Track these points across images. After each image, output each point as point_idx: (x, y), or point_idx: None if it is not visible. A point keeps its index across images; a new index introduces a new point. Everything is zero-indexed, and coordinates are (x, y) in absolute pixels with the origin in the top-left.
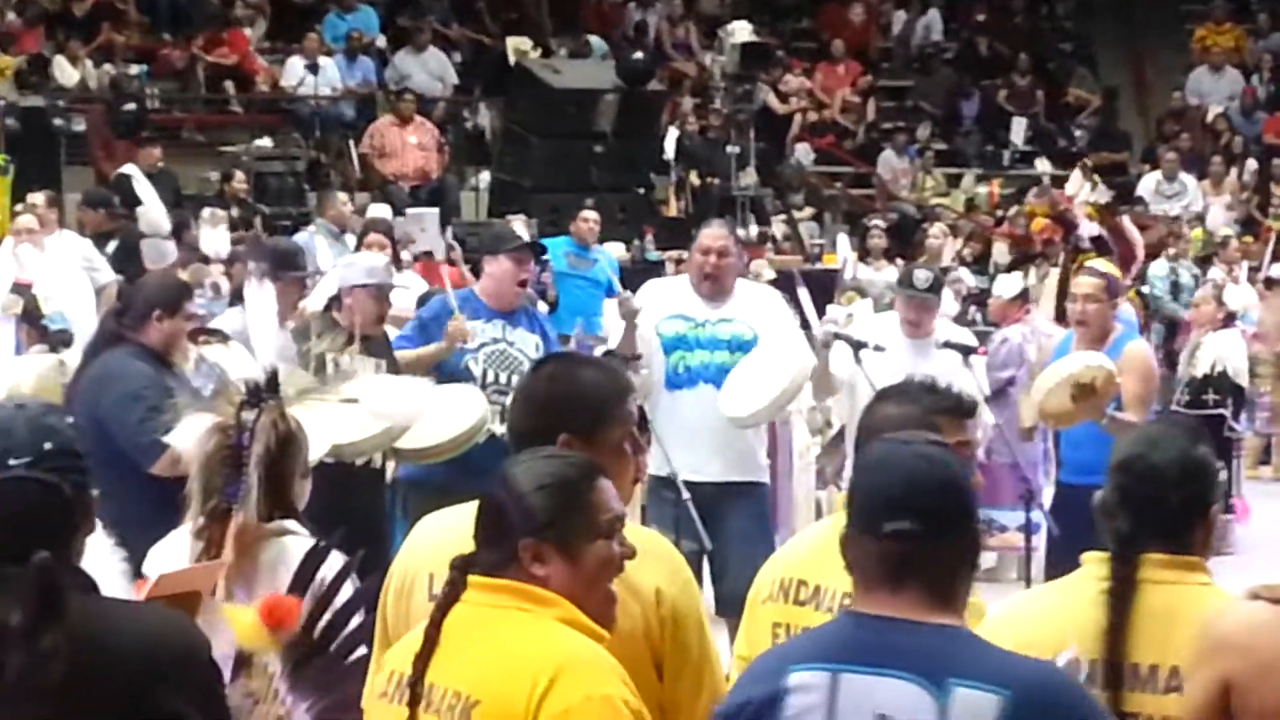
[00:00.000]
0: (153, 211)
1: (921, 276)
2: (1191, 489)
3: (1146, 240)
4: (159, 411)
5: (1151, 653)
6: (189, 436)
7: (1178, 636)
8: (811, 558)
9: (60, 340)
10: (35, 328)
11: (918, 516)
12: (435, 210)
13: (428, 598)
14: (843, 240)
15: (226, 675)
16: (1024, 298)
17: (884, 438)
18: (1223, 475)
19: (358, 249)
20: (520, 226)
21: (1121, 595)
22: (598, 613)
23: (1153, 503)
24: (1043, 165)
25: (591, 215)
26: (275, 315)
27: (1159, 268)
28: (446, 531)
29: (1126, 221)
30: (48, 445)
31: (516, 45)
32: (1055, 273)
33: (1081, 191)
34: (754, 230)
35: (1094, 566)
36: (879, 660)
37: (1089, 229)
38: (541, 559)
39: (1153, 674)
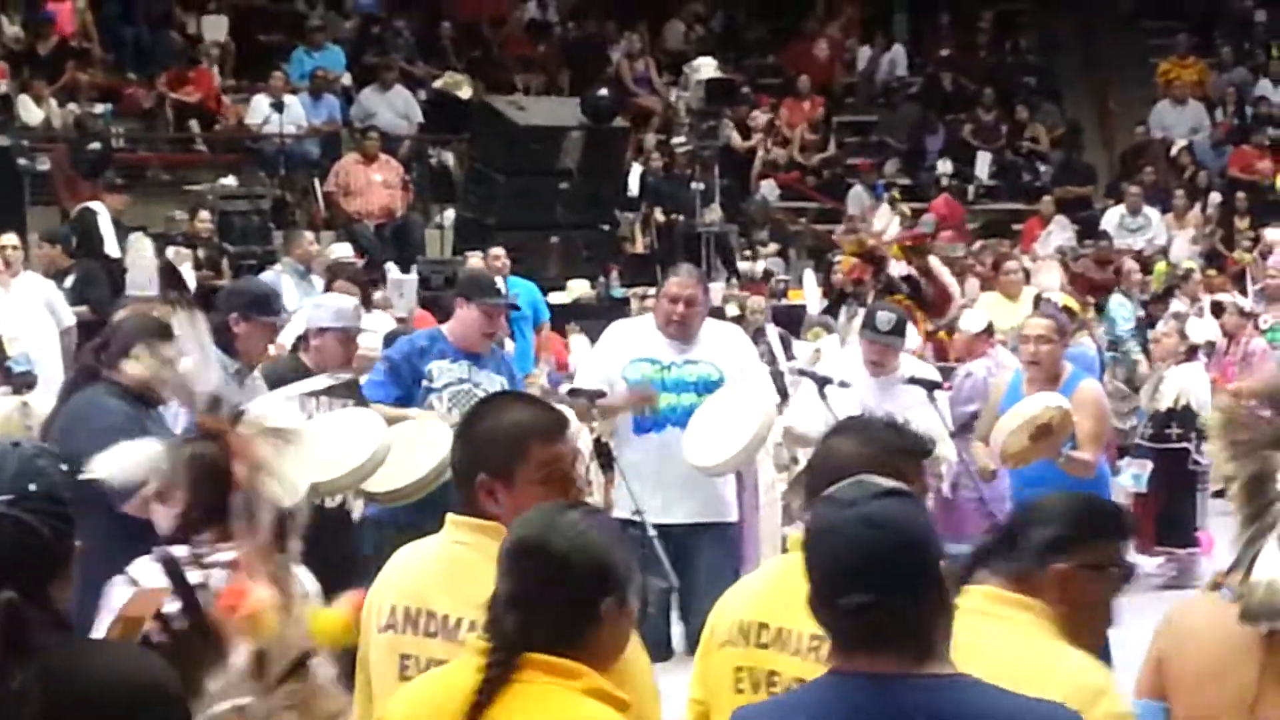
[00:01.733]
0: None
1: (884, 318)
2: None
3: (1110, 275)
4: None
5: None
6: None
7: None
8: (771, 599)
9: (24, 383)
10: None
11: (874, 588)
12: (414, 279)
13: (377, 629)
14: (809, 277)
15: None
16: (989, 332)
17: (833, 493)
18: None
19: (327, 289)
20: (477, 262)
21: None
22: None
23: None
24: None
25: (499, 252)
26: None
27: (1119, 303)
28: (397, 562)
29: (936, 262)
30: (32, 486)
31: (453, 80)
32: (864, 313)
33: (890, 228)
34: (759, 267)
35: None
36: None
37: (899, 268)
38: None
39: None
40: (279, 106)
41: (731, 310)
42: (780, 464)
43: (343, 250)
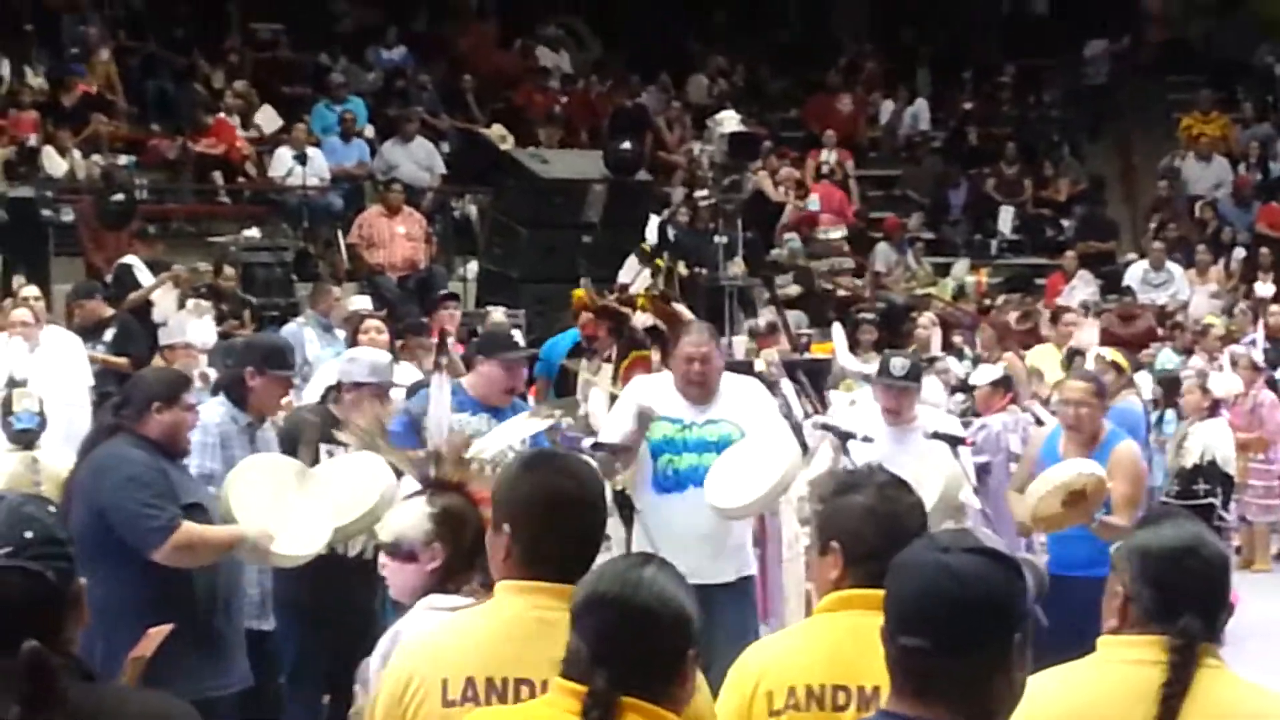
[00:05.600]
0: (163, 300)
1: (898, 364)
2: (1227, 582)
3: (1135, 330)
4: (162, 498)
5: None
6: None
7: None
8: (837, 660)
9: (24, 440)
10: (3, 425)
11: (930, 633)
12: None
13: (441, 703)
14: (838, 330)
15: None
16: (1005, 386)
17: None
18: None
19: (351, 340)
20: (501, 316)
21: (1183, 682)
22: None
23: (1205, 598)
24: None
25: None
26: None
27: (1168, 357)
28: (452, 635)
29: (682, 308)
30: (28, 534)
31: (499, 133)
32: (608, 369)
33: (638, 280)
34: (763, 321)
35: (1113, 650)
36: None
37: (642, 320)
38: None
39: None
40: (302, 159)
41: (759, 365)
42: (803, 518)
43: (361, 302)
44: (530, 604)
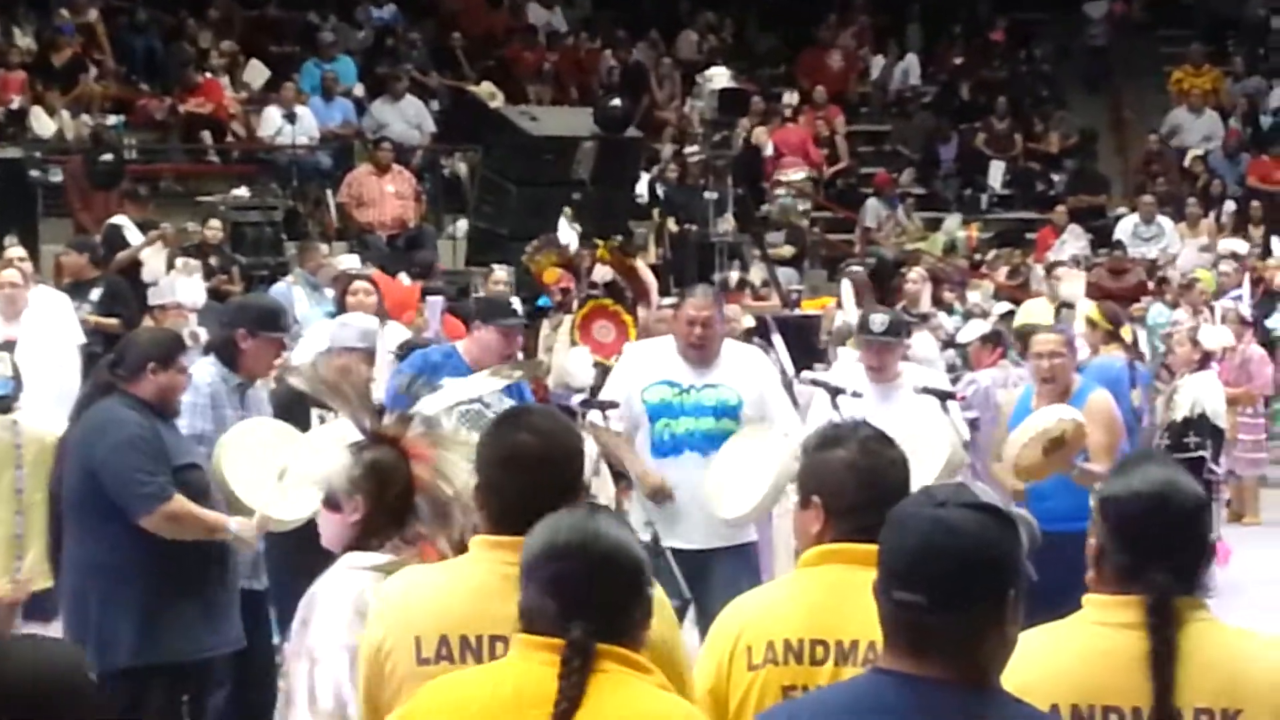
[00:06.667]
0: (152, 260)
1: (878, 320)
2: (1206, 527)
3: (1125, 284)
4: (156, 463)
5: (1204, 697)
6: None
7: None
8: (817, 614)
9: (2, 407)
10: None
11: (924, 588)
12: (440, 299)
13: (416, 662)
14: (846, 286)
15: None
16: (995, 341)
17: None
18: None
19: (339, 300)
20: (503, 274)
21: (1167, 644)
22: None
23: (1175, 549)
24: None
25: (500, 276)
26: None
27: (1159, 312)
28: (423, 593)
29: (639, 263)
30: None
31: (489, 90)
32: (569, 319)
33: (573, 242)
34: (733, 276)
35: (1098, 611)
36: None
37: (602, 273)
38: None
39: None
40: (291, 118)
41: (747, 321)
42: (793, 475)
43: (350, 261)
44: (499, 559)
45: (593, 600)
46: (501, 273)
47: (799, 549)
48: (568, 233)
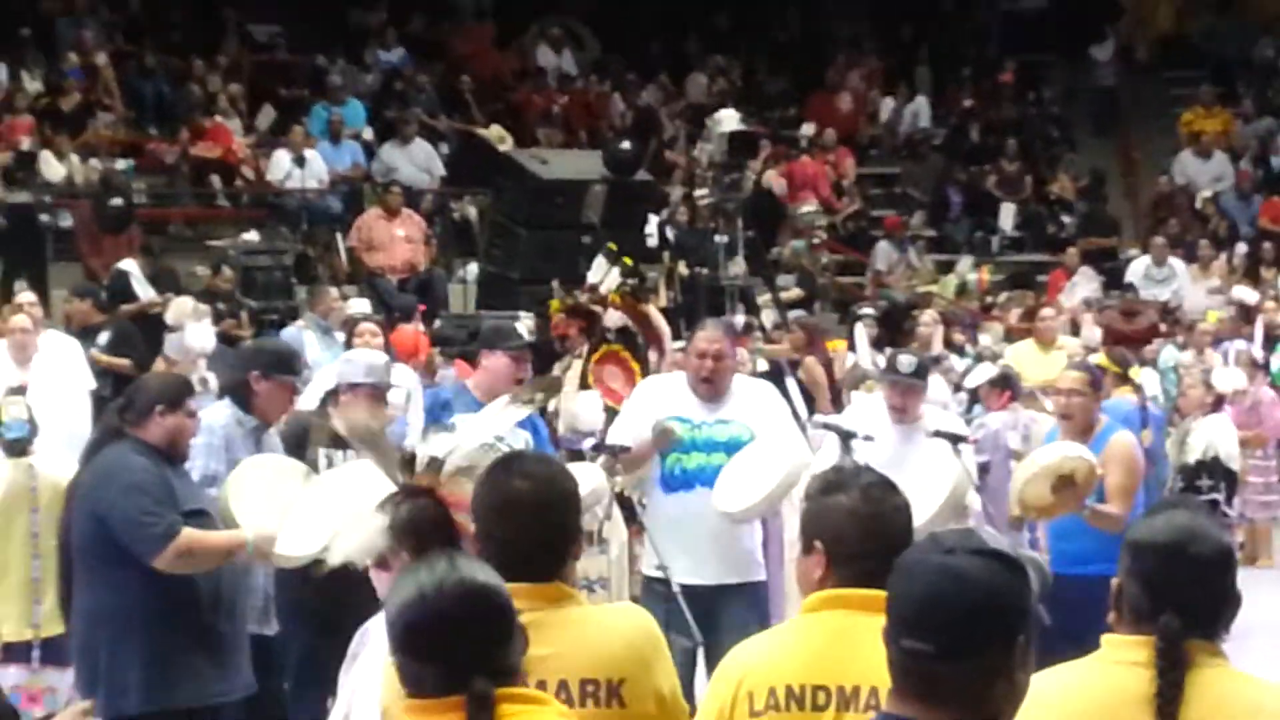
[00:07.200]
0: (181, 303)
1: (905, 361)
2: (1230, 577)
3: (1137, 326)
4: (163, 505)
5: None
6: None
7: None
8: (819, 660)
9: (16, 449)
10: None
11: (933, 637)
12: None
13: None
14: (860, 330)
15: None
16: (1003, 384)
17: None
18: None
19: (348, 343)
20: (522, 328)
21: (1174, 685)
22: None
23: (1191, 594)
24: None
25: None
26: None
27: (1170, 355)
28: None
29: (652, 309)
30: None
31: (498, 134)
32: (578, 364)
33: (607, 279)
34: (739, 320)
35: (1111, 650)
36: None
37: (614, 319)
38: None
39: None
40: (300, 161)
41: (761, 364)
42: None
43: (360, 305)
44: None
45: (489, 644)
46: (527, 321)
47: (802, 594)
48: (602, 269)
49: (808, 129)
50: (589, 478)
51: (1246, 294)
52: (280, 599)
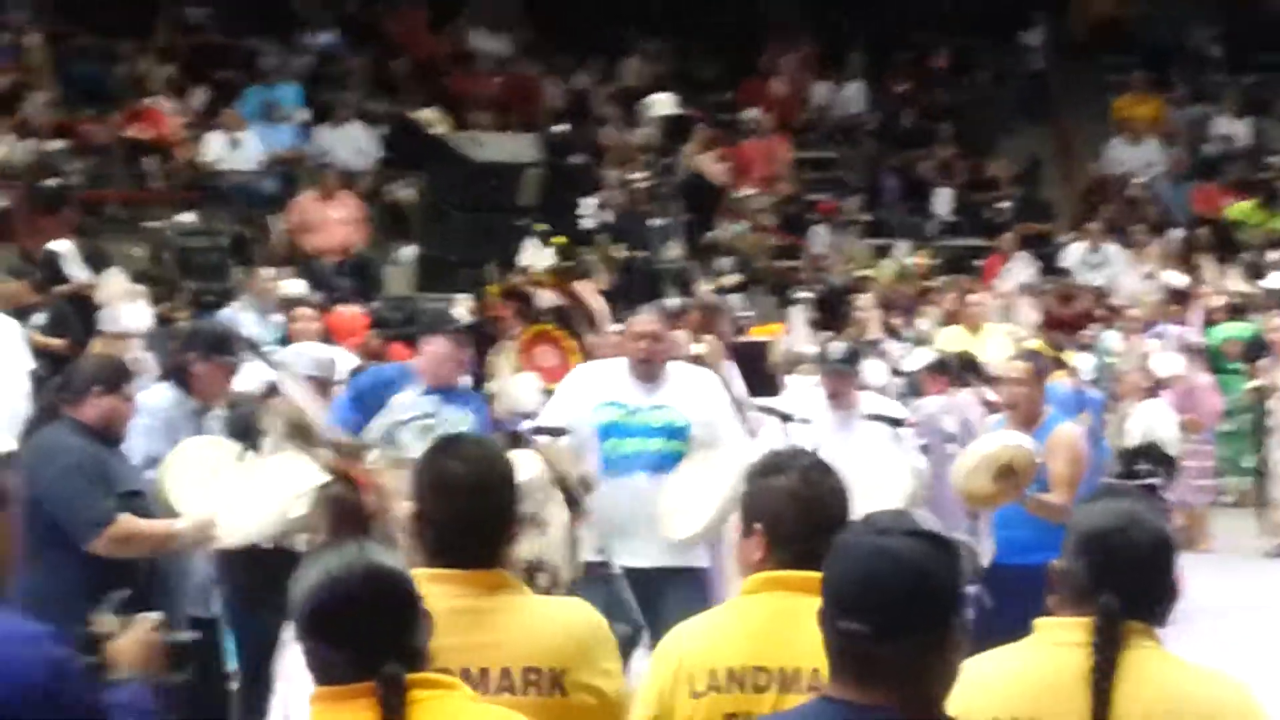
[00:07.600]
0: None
1: (836, 349)
2: (1169, 565)
3: (1073, 311)
4: (99, 487)
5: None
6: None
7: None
8: (758, 641)
9: None
10: None
11: (869, 618)
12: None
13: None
14: (797, 313)
15: None
16: (940, 369)
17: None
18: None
19: (285, 326)
20: (460, 311)
21: (1108, 663)
22: None
23: (1130, 576)
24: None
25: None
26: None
27: (1111, 337)
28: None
29: (587, 289)
30: None
31: (428, 117)
32: (512, 345)
33: (539, 259)
34: (675, 302)
35: (1046, 632)
36: None
37: (546, 299)
38: None
39: None
40: (234, 143)
41: (697, 347)
42: None
43: (296, 287)
44: (447, 594)
45: (395, 634)
46: (465, 303)
47: (741, 576)
48: (534, 251)
49: (753, 113)
50: (528, 465)
51: (1176, 278)
52: (222, 583)
